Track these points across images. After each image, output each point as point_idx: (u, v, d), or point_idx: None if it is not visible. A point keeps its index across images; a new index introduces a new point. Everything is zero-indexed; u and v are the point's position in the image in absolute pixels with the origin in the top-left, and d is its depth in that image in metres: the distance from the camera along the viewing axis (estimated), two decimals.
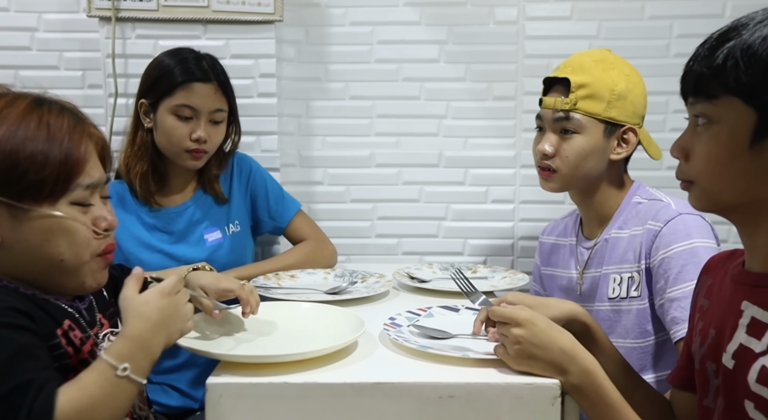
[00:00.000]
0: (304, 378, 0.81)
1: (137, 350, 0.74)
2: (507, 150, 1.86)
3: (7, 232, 0.76)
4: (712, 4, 1.78)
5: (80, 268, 0.81)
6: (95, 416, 0.69)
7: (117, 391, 0.72)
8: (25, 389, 0.66)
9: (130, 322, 0.76)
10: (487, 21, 1.83)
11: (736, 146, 0.67)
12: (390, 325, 0.96)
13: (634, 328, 1.18)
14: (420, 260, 1.85)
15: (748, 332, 0.71)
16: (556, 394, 0.79)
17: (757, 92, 0.65)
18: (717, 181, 0.71)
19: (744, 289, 0.74)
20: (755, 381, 0.68)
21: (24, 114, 0.77)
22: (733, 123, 0.67)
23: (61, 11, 1.77)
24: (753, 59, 0.65)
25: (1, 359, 0.68)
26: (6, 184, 0.75)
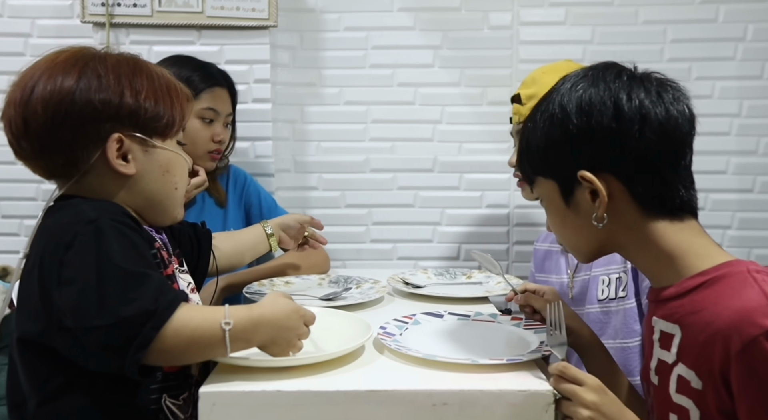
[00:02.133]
0: (298, 386, 0.81)
1: (245, 322, 0.82)
2: (501, 155, 1.86)
3: (140, 164, 0.90)
4: (705, 9, 1.79)
5: (181, 199, 0.97)
6: (192, 335, 0.78)
7: (211, 334, 0.79)
8: (147, 276, 0.77)
9: (262, 305, 0.86)
10: (481, 26, 1.83)
11: (560, 210, 0.82)
12: (383, 334, 0.96)
13: (623, 328, 1.19)
14: (415, 265, 1.85)
15: (661, 346, 0.75)
16: (550, 401, 0.79)
17: (543, 167, 0.81)
18: (567, 240, 0.85)
19: (652, 305, 0.80)
20: (675, 391, 0.71)
21: (151, 72, 0.91)
22: (549, 195, 0.82)
23: (55, 17, 1.77)
24: (533, 142, 0.81)
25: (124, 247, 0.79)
26: (147, 125, 0.89)
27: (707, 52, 1.80)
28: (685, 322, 0.71)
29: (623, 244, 0.80)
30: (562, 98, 0.78)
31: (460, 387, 0.80)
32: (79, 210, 0.83)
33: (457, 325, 1.05)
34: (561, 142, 0.77)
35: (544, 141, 0.79)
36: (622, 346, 1.19)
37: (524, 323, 1.04)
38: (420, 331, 1.01)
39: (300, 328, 0.86)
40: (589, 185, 0.76)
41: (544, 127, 0.79)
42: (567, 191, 0.79)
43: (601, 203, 0.76)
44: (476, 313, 1.09)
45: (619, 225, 0.77)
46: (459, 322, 1.07)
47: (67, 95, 0.84)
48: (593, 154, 0.76)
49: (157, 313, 0.75)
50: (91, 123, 0.85)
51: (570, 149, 0.77)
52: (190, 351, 0.80)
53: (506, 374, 0.84)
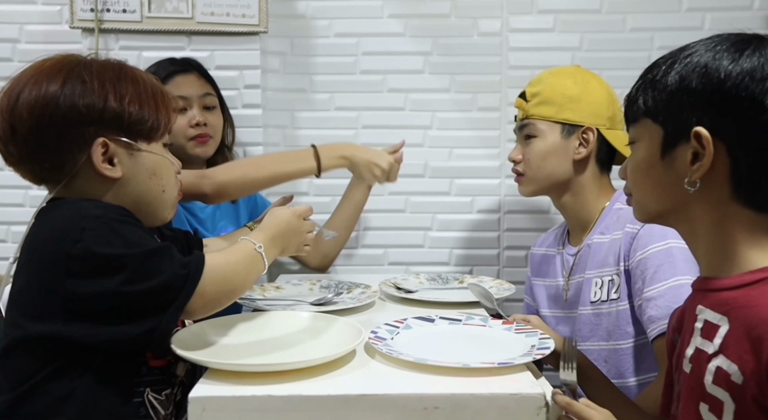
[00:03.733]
0: (288, 390, 0.80)
1: (266, 240, 0.98)
2: (492, 160, 1.87)
3: (125, 168, 0.92)
4: (692, 17, 1.81)
5: (171, 201, 0.99)
6: (229, 271, 0.89)
7: (252, 261, 0.94)
8: (170, 248, 0.85)
9: (265, 222, 1.03)
10: (471, 32, 1.84)
11: (651, 158, 0.78)
12: (375, 338, 0.96)
13: (615, 330, 1.19)
14: (406, 270, 1.85)
15: (702, 335, 0.74)
16: (541, 405, 0.79)
17: (660, 111, 0.77)
18: (641, 190, 0.81)
19: (699, 294, 0.78)
20: (711, 382, 0.70)
21: (135, 75, 0.94)
22: (648, 139, 0.79)
23: (44, 22, 1.76)
24: (655, 85, 0.77)
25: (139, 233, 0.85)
26: (131, 128, 0.91)
27: None
28: (735, 315, 0.69)
29: (694, 220, 0.76)
30: (714, 53, 0.73)
31: (452, 391, 0.80)
32: (80, 207, 0.85)
33: (448, 330, 1.06)
34: (695, 93, 0.73)
35: (677, 84, 0.74)
36: (615, 348, 1.19)
37: (515, 327, 1.05)
38: (411, 336, 1.01)
39: (302, 226, 1.07)
40: (696, 145, 0.72)
41: (685, 71, 0.74)
42: (670, 143, 0.75)
43: (700, 168, 0.72)
44: (467, 317, 1.10)
45: (702, 198, 0.74)
46: (450, 326, 1.07)
47: (51, 100, 0.86)
48: (722, 119, 0.71)
49: (189, 276, 0.82)
50: (76, 127, 0.87)
51: (702, 103, 0.72)
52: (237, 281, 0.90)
53: (497, 378, 0.84)
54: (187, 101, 1.47)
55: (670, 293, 1.08)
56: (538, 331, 1.01)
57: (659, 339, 1.08)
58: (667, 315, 1.05)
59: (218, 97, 1.57)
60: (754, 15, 1.81)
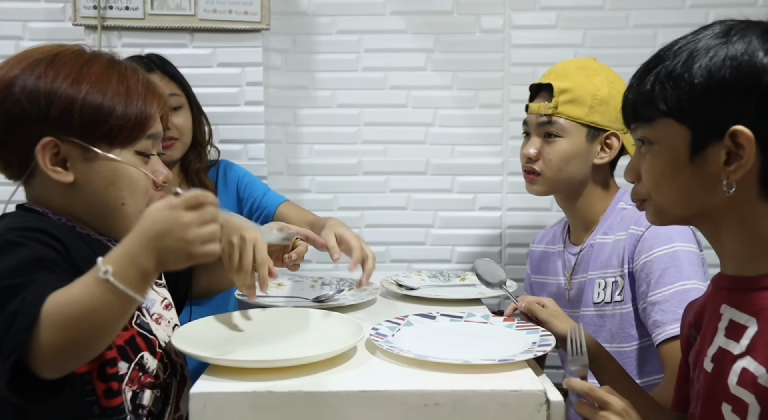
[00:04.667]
0: (289, 386, 0.80)
1: (123, 257, 0.68)
2: (494, 157, 1.87)
3: (79, 173, 0.82)
4: (695, 13, 1.81)
5: (137, 215, 0.84)
6: (73, 315, 0.66)
7: (97, 294, 0.67)
8: (27, 286, 0.68)
9: (131, 231, 0.71)
10: (473, 29, 1.84)
11: (677, 162, 0.72)
12: (376, 335, 0.96)
13: (619, 333, 1.18)
14: (408, 268, 1.85)
15: (727, 335, 0.72)
16: (542, 402, 0.79)
17: (686, 111, 0.70)
18: (666, 195, 0.75)
19: (722, 292, 0.76)
20: (735, 383, 0.68)
21: (105, 69, 0.84)
22: (671, 141, 0.72)
23: (47, 20, 1.76)
24: (677, 82, 0.70)
25: (18, 261, 0.71)
26: (85, 130, 0.81)
27: None
28: (764, 316, 0.67)
29: (721, 220, 0.73)
30: (746, 44, 0.68)
31: (452, 387, 0.80)
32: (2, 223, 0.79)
33: (449, 327, 1.06)
34: (730, 90, 0.67)
35: (707, 80, 0.68)
36: (618, 351, 1.19)
37: (516, 324, 1.05)
38: (412, 332, 1.01)
39: (181, 220, 0.69)
40: (731, 145, 0.67)
41: (714, 65, 0.68)
42: (700, 144, 0.70)
43: (739, 168, 0.68)
44: (468, 314, 1.10)
45: (730, 198, 0.69)
46: (451, 323, 1.07)
47: (2, 91, 0.80)
48: (760, 116, 0.67)
49: (19, 314, 0.65)
50: (20, 123, 0.80)
51: (737, 101, 0.67)
52: (85, 328, 0.67)
53: (498, 374, 0.84)
54: None
55: (676, 298, 1.07)
56: (539, 329, 1.01)
57: (665, 344, 1.06)
58: (672, 320, 1.05)
59: (186, 96, 1.49)
60: (759, 11, 1.80)
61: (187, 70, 1.54)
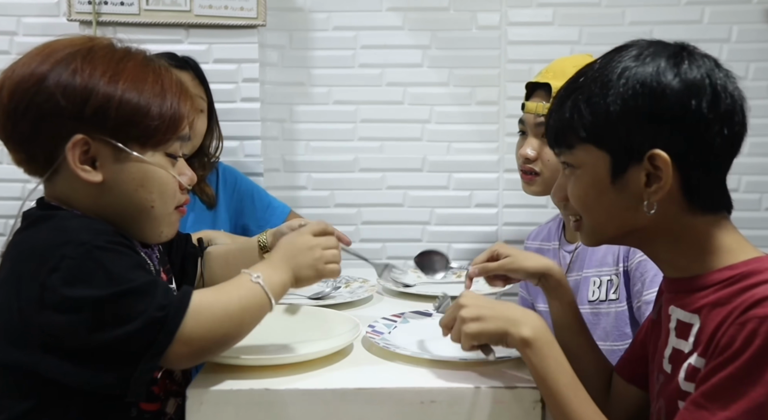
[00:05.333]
0: (286, 384, 0.81)
1: (267, 268, 0.83)
2: (490, 154, 1.87)
3: (108, 173, 0.79)
4: (691, 10, 1.81)
5: (164, 218, 0.85)
6: (230, 308, 0.77)
7: (250, 295, 0.79)
8: (155, 285, 0.74)
9: (273, 250, 0.90)
10: (469, 26, 1.84)
11: (599, 185, 0.74)
12: (372, 332, 0.96)
13: (613, 331, 1.19)
14: (404, 264, 1.85)
15: (677, 335, 0.74)
16: (537, 399, 0.80)
17: (604, 137, 0.72)
18: (594, 217, 0.77)
19: (669, 295, 0.78)
20: (683, 379, 0.71)
21: (141, 67, 0.81)
22: (592, 166, 0.74)
23: (41, 15, 1.75)
24: (593, 109, 0.72)
25: (125, 264, 0.74)
26: (119, 129, 0.78)
27: None
28: (704, 313, 0.70)
29: (652, 237, 0.75)
30: (654, 70, 0.70)
31: (449, 384, 0.81)
32: (66, 227, 0.76)
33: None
34: (644, 116, 0.69)
35: (621, 108, 0.70)
36: (612, 349, 1.19)
37: None
38: (409, 330, 1.01)
39: (311, 241, 0.89)
40: (650, 167, 0.70)
41: (626, 94, 0.70)
42: (620, 168, 0.72)
43: (659, 189, 0.70)
44: None
45: (659, 215, 0.72)
46: None
47: (33, 85, 0.76)
48: (674, 138, 0.69)
49: (167, 320, 0.71)
50: (52, 120, 0.77)
51: (652, 126, 0.69)
52: (236, 324, 0.77)
53: (495, 372, 0.85)
54: None
55: None
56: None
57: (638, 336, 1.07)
58: None
59: (208, 103, 1.51)
60: (753, 8, 1.80)
61: None
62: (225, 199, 1.57)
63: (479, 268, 1.00)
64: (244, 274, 0.81)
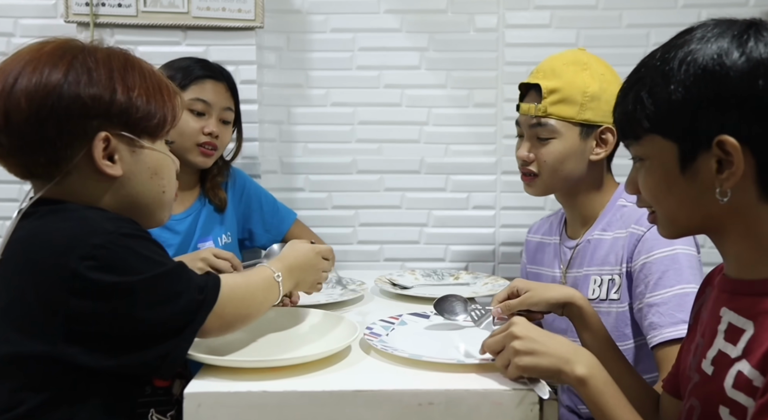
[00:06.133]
0: (284, 386, 0.80)
1: (284, 270, 0.97)
2: (488, 156, 1.87)
3: (126, 165, 0.85)
4: (688, 13, 1.82)
5: (170, 203, 0.93)
6: (256, 293, 0.90)
7: (269, 288, 0.93)
8: (184, 267, 0.82)
9: (285, 253, 1.02)
10: (467, 28, 1.84)
11: (669, 176, 0.73)
12: (370, 335, 0.96)
13: (613, 331, 1.18)
14: (402, 266, 1.85)
15: (726, 338, 0.72)
16: (535, 400, 0.80)
17: (668, 126, 0.71)
18: (667, 208, 0.76)
19: (724, 295, 0.76)
20: (731, 386, 0.69)
21: (143, 68, 0.88)
22: (661, 156, 0.73)
23: (38, 16, 1.75)
24: (655, 98, 0.71)
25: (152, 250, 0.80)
26: (137, 124, 0.85)
27: None
28: (760, 320, 0.68)
29: (724, 227, 0.73)
30: (716, 53, 0.68)
31: (446, 386, 0.81)
32: (86, 217, 0.79)
33: (442, 326, 1.06)
34: (709, 101, 0.67)
35: (685, 95, 0.68)
36: None
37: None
38: (406, 332, 1.01)
39: (320, 263, 1.05)
40: (720, 153, 0.67)
41: (688, 80, 0.68)
42: (689, 156, 0.70)
43: (731, 175, 0.68)
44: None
45: (732, 204, 0.69)
46: (444, 322, 1.07)
47: (54, 89, 0.79)
48: (743, 121, 0.67)
49: (205, 301, 0.80)
50: (79, 120, 0.80)
51: (717, 111, 0.67)
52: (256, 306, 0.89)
53: (492, 374, 0.85)
54: (208, 107, 1.43)
55: (674, 301, 1.06)
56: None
57: (661, 347, 1.05)
58: (670, 323, 1.05)
59: (236, 116, 1.53)
60: (750, 11, 1.81)
61: None
62: (233, 202, 1.57)
63: (503, 307, 1.04)
64: (266, 268, 0.94)
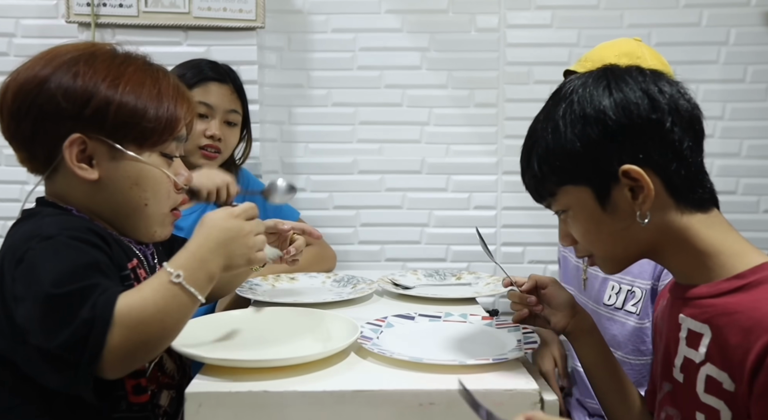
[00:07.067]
0: (284, 386, 0.80)
1: (192, 262, 0.76)
2: (489, 157, 1.87)
3: (104, 171, 0.83)
4: (689, 13, 1.81)
5: (158, 217, 0.88)
6: (146, 316, 0.71)
7: (169, 296, 0.73)
8: (93, 290, 0.70)
9: (194, 236, 0.79)
10: (468, 28, 1.84)
11: (593, 217, 0.78)
12: (362, 338, 0.95)
13: (628, 344, 1.15)
14: (403, 267, 1.85)
15: (688, 344, 0.74)
16: (536, 400, 0.79)
17: (574, 174, 0.77)
18: (603, 248, 0.81)
19: (678, 302, 0.78)
20: (703, 391, 0.71)
21: (140, 71, 0.85)
22: (579, 202, 0.79)
23: (40, 17, 1.75)
24: (555, 154, 0.77)
25: (77, 264, 0.72)
26: (117, 130, 0.82)
27: (690, 56, 1.82)
28: (716, 323, 0.70)
29: (659, 246, 0.77)
30: (588, 99, 0.76)
31: (447, 387, 0.80)
32: (41, 224, 0.79)
33: (429, 327, 1.06)
34: (599, 141, 0.74)
35: (578, 143, 0.75)
36: (623, 360, 1.16)
37: (496, 322, 1.05)
38: (395, 333, 1.01)
39: (244, 226, 0.81)
40: (629, 182, 0.74)
41: (575, 129, 0.75)
42: (603, 194, 0.76)
43: (646, 198, 0.73)
44: (446, 313, 1.10)
45: (655, 223, 0.75)
46: (431, 323, 1.07)
47: (35, 87, 0.80)
48: (634, 148, 0.73)
49: (95, 320, 0.68)
50: (52, 120, 0.80)
51: (610, 147, 0.74)
52: (156, 329, 0.71)
53: (491, 374, 0.85)
54: (211, 110, 1.43)
55: None
56: (519, 326, 1.01)
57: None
58: None
59: (243, 116, 1.52)
60: (751, 11, 1.81)
61: None
62: (237, 199, 1.56)
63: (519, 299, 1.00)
64: (164, 271, 0.74)
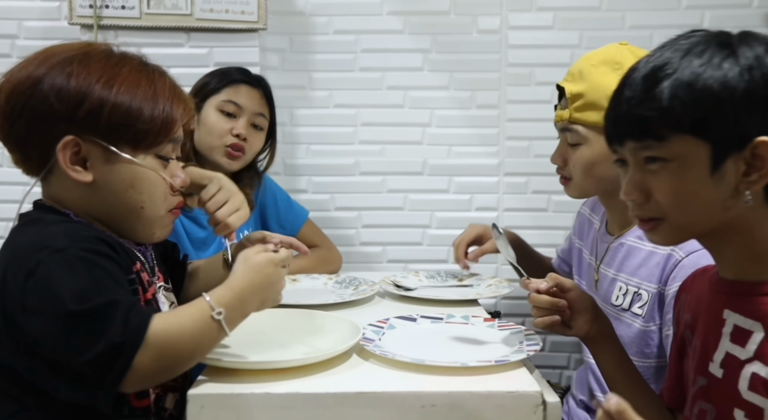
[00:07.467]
0: (286, 388, 0.80)
1: (235, 302, 0.80)
2: (490, 158, 1.87)
3: (99, 173, 0.82)
4: (691, 14, 1.81)
5: (156, 219, 0.87)
6: (180, 344, 0.74)
7: (206, 330, 0.76)
8: (115, 306, 0.71)
9: (238, 276, 0.82)
10: (470, 30, 1.84)
11: (697, 178, 0.69)
12: (364, 340, 0.95)
13: (632, 346, 1.13)
14: (405, 268, 1.85)
15: (732, 340, 0.72)
16: (538, 403, 0.79)
17: (709, 126, 0.67)
18: (689, 213, 0.72)
19: (722, 297, 0.76)
20: (747, 389, 0.69)
21: (135, 72, 0.84)
22: (690, 157, 0.69)
23: (43, 19, 1.76)
24: (698, 95, 0.67)
25: (95, 279, 0.73)
26: (111, 132, 0.81)
27: None
28: None
29: (728, 231, 0.72)
30: (756, 53, 0.67)
31: (449, 388, 0.81)
32: (47, 233, 0.78)
33: (431, 328, 1.06)
34: (754, 101, 0.66)
35: (730, 94, 0.66)
36: None
37: (498, 324, 1.05)
38: (397, 335, 1.01)
39: (281, 275, 0.87)
40: (748, 156, 0.67)
41: (732, 79, 0.66)
42: (721, 158, 0.67)
43: (761, 178, 0.67)
44: (449, 315, 1.10)
45: (747, 208, 0.69)
46: (433, 324, 1.07)
47: (29, 88, 0.79)
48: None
49: (125, 346, 0.69)
50: (45, 121, 0.79)
51: (761, 111, 0.66)
52: (185, 356, 0.75)
53: (494, 375, 0.85)
54: (240, 110, 1.44)
55: None
56: (521, 328, 1.01)
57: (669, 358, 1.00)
58: None
59: (270, 123, 1.53)
60: (753, 13, 1.81)
61: (183, 69, 1.53)
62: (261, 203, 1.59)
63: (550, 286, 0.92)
64: (206, 305, 0.77)
